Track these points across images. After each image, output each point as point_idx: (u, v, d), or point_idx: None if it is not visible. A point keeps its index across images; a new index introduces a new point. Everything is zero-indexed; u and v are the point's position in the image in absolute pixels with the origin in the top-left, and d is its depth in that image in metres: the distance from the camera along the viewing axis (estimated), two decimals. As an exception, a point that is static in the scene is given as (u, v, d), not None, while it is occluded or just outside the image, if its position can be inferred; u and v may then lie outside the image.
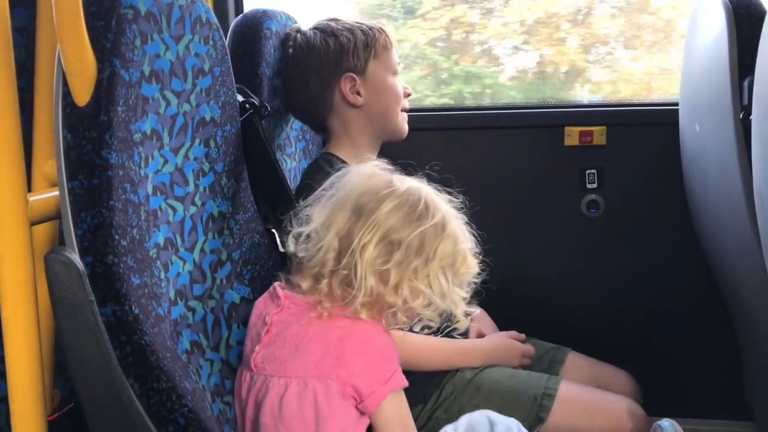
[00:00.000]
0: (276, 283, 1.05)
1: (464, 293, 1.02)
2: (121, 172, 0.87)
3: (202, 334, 1.05)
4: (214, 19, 1.13)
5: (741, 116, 1.19)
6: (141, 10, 0.91)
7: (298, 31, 1.45)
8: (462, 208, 1.07)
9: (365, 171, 1.01)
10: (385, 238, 0.93)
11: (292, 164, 1.55)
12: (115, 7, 0.86)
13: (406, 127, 1.52)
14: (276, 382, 0.94)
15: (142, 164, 0.93)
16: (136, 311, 0.85)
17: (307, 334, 0.95)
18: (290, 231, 1.03)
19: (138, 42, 0.90)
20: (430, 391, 1.40)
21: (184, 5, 1.02)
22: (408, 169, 1.09)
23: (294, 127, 1.58)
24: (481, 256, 1.09)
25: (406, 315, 0.98)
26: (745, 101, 1.19)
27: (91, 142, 0.83)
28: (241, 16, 1.42)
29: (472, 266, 1.03)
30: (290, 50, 1.44)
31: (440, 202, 1.01)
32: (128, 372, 0.84)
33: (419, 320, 1.44)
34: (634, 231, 1.78)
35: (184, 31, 1.03)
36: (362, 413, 0.96)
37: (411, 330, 1.45)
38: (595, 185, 1.78)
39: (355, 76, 1.41)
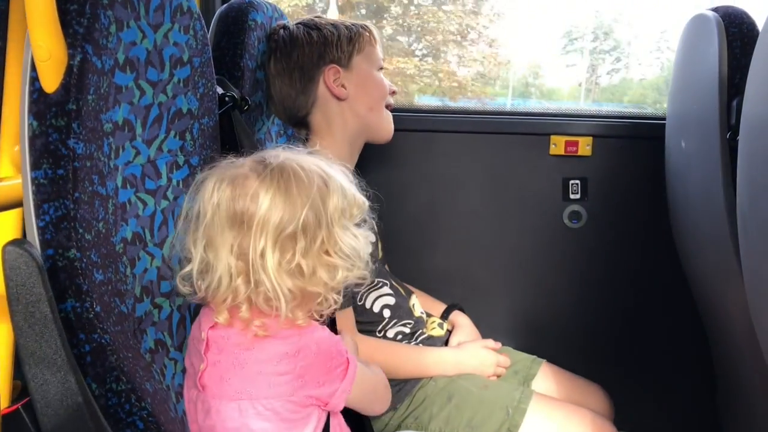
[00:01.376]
0: None
1: (365, 231, 0.94)
2: (88, 163, 0.83)
3: (166, 333, 1.01)
4: (196, 8, 1.09)
5: (728, 136, 1.17)
6: (118, -5, 0.87)
7: (283, 27, 1.42)
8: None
9: (223, 174, 0.88)
10: (280, 235, 0.84)
11: (272, 160, 1.52)
12: (89, -9, 0.83)
13: (391, 128, 1.49)
14: (227, 405, 0.88)
15: (112, 155, 0.90)
16: (98, 308, 0.82)
17: (252, 355, 0.87)
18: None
19: (113, 28, 0.87)
20: (402, 398, 1.38)
21: (164, -8, 0.99)
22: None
23: (275, 122, 1.55)
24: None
25: (335, 293, 0.90)
26: (733, 121, 1.17)
27: (58, 131, 0.79)
28: (225, 5, 1.38)
29: (362, 203, 0.94)
30: (273, 45, 1.41)
31: (305, 161, 0.90)
32: (86, 372, 0.81)
33: (391, 324, 1.43)
34: (615, 244, 1.77)
35: (164, 19, 1.00)
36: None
37: (384, 336, 1.44)
38: (578, 196, 1.77)
39: (338, 68, 1.39)
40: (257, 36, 1.39)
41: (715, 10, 1.28)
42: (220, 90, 1.23)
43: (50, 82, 0.80)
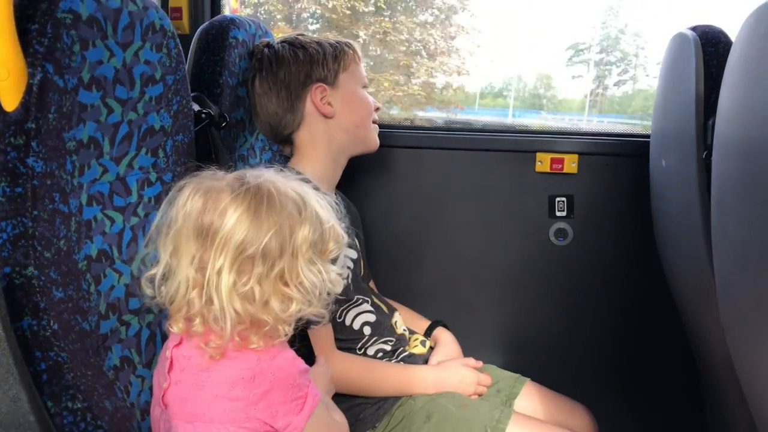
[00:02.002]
0: None
1: (339, 269, 0.94)
2: (49, 181, 0.84)
3: (134, 350, 1.01)
4: (170, 27, 1.10)
5: (704, 156, 1.17)
6: (82, 15, 0.88)
7: (267, 45, 1.43)
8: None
9: (199, 185, 0.87)
10: (239, 255, 0.83)
11: (255, 175, 1.52)
12: (52, 11, 0.83)
13: (377, 140, 1.51)
14: (184, 426, 0.87)
15: (76, 173, 0.90)
16: (55, 326, 0.82)
17: (210, 378, 0.86)
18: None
19: (77, 48, 0.87)
20: (380, 416, 1.37)
21: (134, 11, 1.00)
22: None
23: (259, 137, 1.56)
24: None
25: (286, 325, 0.88)
26: (709, 141, 1.17)
27: (17, 149, 0.80)
28: (206, 23, 1.39)
29: (340, 238, 0.93)
30: (257, 64, 1.41)
31: (287, 187, 0.89)
32: (42, 390, 0.81)
33: (371, 341, 1.42)
34: (601, 262, 1.76)
35: (134, 38, 1.00)
36: None
37: (365, 353, 1.43)
38: (564, 213, 1.76)
39: (325, 86, 1.40)
40: (239, 53, 1.39)
41: (694, 29, 1.28)
42: (196, 107, 1.24)
43: (10, 101, 0.80)
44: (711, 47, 1.22)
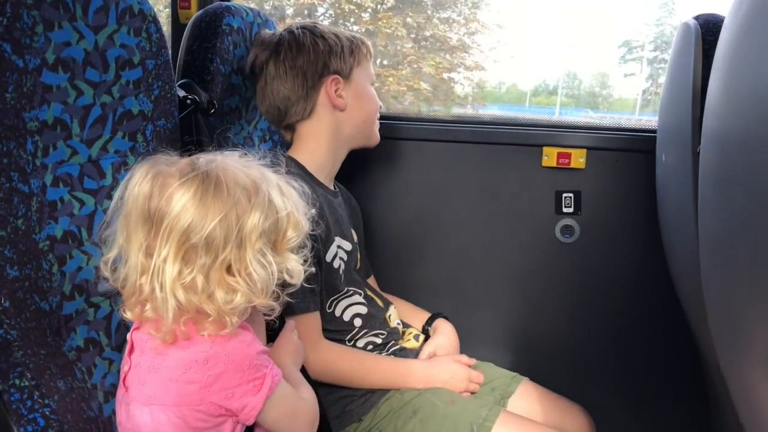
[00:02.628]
0: None
1: (300, 258, 0.91)
2: (5, 160, 0.84)
3: (102, 332, 1.02)
4: (150, 11, 1.10)
5: (698, 150, 1.12)
6: (46, -4, 0.88)
7: (287, 30, 1.42)
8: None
9: (150, 169, 0.85)
10: (184, 244, 0.81)
11: (253, 164, 1.52)
12: (12, -9, 0.84)
13: (378, 135, 1.52)
14: (141, 409, 0.86)
15: (39, 153, 0.91)
16: (6, 303, 0.82)
17: (164, 361, 0.84)
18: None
19: (39, 28, 0.88)
20: (366, 409, 1.35)
21: (108, -5, 1.00)
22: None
23: (258, 126, 1.55)
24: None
25: (234, 315, 0.85)
26: (704, 134, 1.11)
27: (-29, 128, 0.81)
28: (201, 10, 1.39)
29: (300, 226, 0.90)
30: (275, 46, 1.40)
31: (240, 172, 0.86)
32: (-10, 366, 0.82)
33: (361, 333, 1.40)
34: (608, 260, 1.71)
35: (107, 20, 1.01)
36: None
37: (354, 346, 1.41)
38: (571, 209, 1.71)
39: (340, 78, 1.40)
40: (233, 41, 1.39)
41: (697, 17, 1.23)
42: (182, 93, 1.24)
43: (-35, 80, 0.81)
44: (711, 36, 1.16)
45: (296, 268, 0.91)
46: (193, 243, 0.81)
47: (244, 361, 0.86)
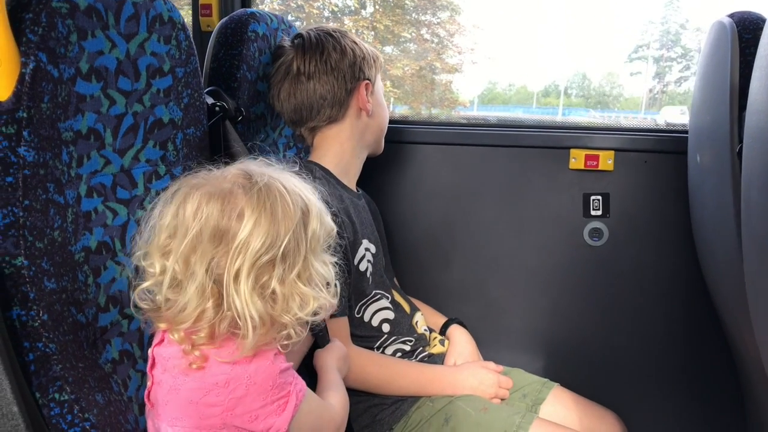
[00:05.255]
0: None
1: (333, 258, 0.91)
2: (42, 171, 0.83)
3: (135, 344, 1.00)
4: (179, 18, 1.09)
5: (738, 150, 1.09)
6: (80, 5, 0.87)
7: (323, 31, 1.42)
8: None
9: (206, 189, 0.83)
10: (259, 259, 0.80)
11: (277, 171, 1.51)
12: (47, 0, 0.83)
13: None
14: (166, 429, 0.84)
15: (74, 164, 0.90)
16: (45, 317, 0.81)
17: (186, 383, 0.82)
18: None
19: (73, 38, 0.87)
20: (397, 418, 1.34)
21: (139, 3, 0.99)
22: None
23: (283, 133, 1.54)
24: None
25: (300, 327, 0.85)
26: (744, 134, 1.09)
27: (8, 139, 0.80)
28: (226, 17, 1.38)
29: (332, 228, 0.90)
30: (316, 45, 1.38)
31: (288, 183, 0.86)
32: (30, 380, 0.80)
33: (390, 340, 1.39)
34: (638, 264, 1.68)
35: (138, 29, 1.00)
36: None
37: (383, 352, 1.40)
38: (599, 212, 1.69)
39: (370, 84, 1.43)
40: (258, 47, 1.38)
41: (732, 15, 1.20)
42: (211, 100, 1.23)
43: (2, 90, 0.80)
44: (748, 34, 1.14)
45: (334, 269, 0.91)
46: (269, 257, 0.81)
47: (267, 382, 0.83)
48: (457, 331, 1.54)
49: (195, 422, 0.81)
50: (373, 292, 1.40)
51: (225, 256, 0.80)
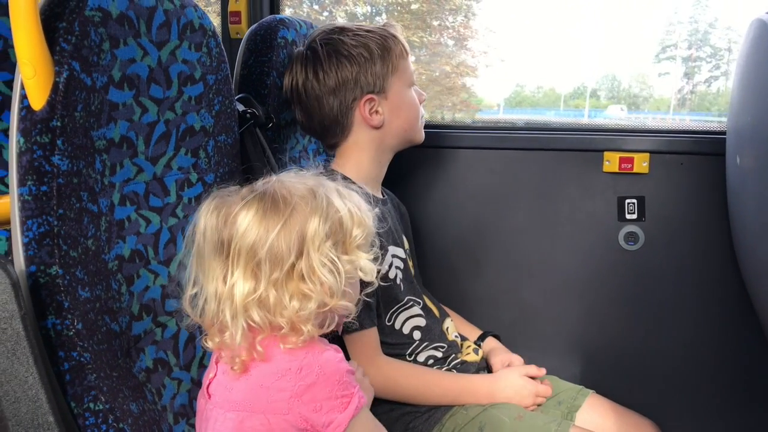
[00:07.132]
0: None
1: (371, 255, 0.91)
2: (75, 180, 0.83)
3: (170, 352, 1.00)
4: (210, 25, 1.09)
5: (781, 150, 1.06)
6: (112, 13, 0.87)
7: (311, 47, 1.35)
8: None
9: (211, 202, 0.86)
10: (252, 261, 0.82)
11: (309, 178, 1.50)
12: (80, 8, 0.83)
13: (423, 134, 1.44)
14: (224, 414, 0.85)
15: (107, 172, 0.90)
16: (79, 326, 0.81)
17: (258, 367, 0.84)
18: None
19: (106, 46, 0.87)
20: (430, 426, 1.32)
21: (170, 10, 0.99)
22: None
23: (314, 140, 1.53)
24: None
25: (307, 323, 0.85)
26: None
27: (42, 148, 0.80)
28: (256, 24, 1.38)
29: (364, 223, 0.90)
30: (305, 67, 1.34)
31: (296, 183, 0.88)
32: (65, 390, 0.80)
33: (422, 347, 1.37)
34: (675, 268, 1.64)
35: (169, 36, 0.99)
36: None
37: (415, 360, 1.38)
38: (635, 216, 1.65)
39: (374, 96, 1.33)
40: (288, 53, 1.38)
41: (771, 13, 1.17)
42: (241, 107, 1.22)
43: (37, 99, 0.80)
44: (791, 32, 1.11)
45: (368, 266, 0.91)
46: (259, 258, 0.82)
47: (335, 375, 0.85)
48: (495, 342, 1.52)
49: (262, 406, 0.83)
50: (406, 298, 1.38)
51: (228, 262, 0.84)
